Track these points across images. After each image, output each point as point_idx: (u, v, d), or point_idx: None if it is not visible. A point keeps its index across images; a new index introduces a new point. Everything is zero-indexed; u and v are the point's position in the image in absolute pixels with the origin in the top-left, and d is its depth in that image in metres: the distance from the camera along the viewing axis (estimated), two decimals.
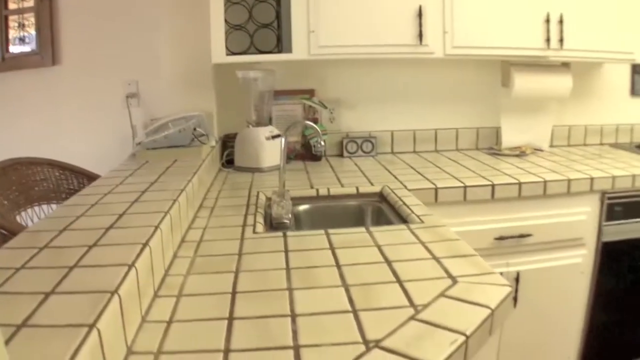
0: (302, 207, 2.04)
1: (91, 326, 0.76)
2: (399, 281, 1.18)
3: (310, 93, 2.80)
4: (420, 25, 2.50)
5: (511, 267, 2.38)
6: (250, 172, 2.41)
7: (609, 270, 2.57)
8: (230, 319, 1.01)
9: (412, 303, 1.08)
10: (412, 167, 2.57)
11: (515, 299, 2.39)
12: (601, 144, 3.33)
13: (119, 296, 0.87)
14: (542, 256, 2.44)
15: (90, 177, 2.17)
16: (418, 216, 1.71)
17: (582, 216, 2.45)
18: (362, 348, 0.91)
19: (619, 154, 3.01)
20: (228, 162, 2.54)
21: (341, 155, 2.90)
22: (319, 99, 2.80)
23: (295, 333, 0.96)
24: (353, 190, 2.15)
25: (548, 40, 2.64)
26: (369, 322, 1.00)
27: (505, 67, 2.93)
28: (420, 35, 2.49)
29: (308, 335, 0.95)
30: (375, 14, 2.49)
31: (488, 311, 1.05)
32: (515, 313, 2.41)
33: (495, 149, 3.02)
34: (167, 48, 2.43)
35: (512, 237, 2.34)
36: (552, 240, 2.43)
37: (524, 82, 2.85)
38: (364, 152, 2.88)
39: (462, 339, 0.95)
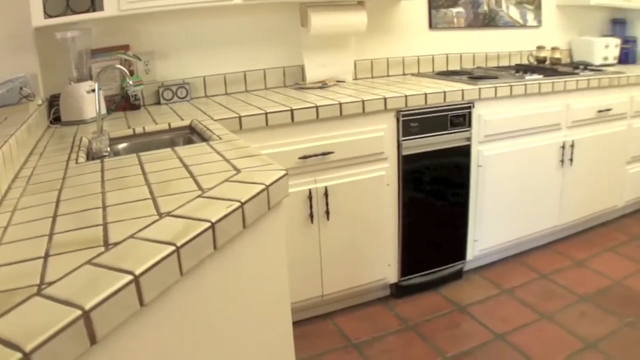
0: (121, 145, 2.25)
1: None
2: (192, 177, 1.48)
3: (125, 48, 2.94)
4: None
5: (319, 184, 2.64)
6: (75, 124, 2.56)
7: (412, 180, 2.88)
8: (54, 217, 1.26)
9: (200, 188, 1.38)
10: (223, 106, 2.79)
11: (327, 213, 2.68)
12: (404, 74, 3.64)
13: None
14: (347, 171, 2.72)
15: None
16: (218, 136, 1.99)
17: (380, 133, 2.74)
18: (157, 217, 1.20)
19: (419, 80, 3.33)
20: (55, 119, 2.67)
21: (158, 103, 3.07)
22: (134, 52, 2.94)
23: (105, 216, 1.23)
24: (166, 126, 2.37)
25: None
26: (164, 203, 1.29)
27: (303, 9, 3.18)
28: None
29: (115, 216, 1.22)
30: None
31: (262, 186, 1.36)
32: (330, 226, 2.69)
33: (300, 84, 3.30)
34: None
35: (315, 155, 2.60)
36: (354, 156, 2.70)
37: (320, 21, 3.10)
38: (179, 97, 3.08)
39: (237, 204, 1.25)
